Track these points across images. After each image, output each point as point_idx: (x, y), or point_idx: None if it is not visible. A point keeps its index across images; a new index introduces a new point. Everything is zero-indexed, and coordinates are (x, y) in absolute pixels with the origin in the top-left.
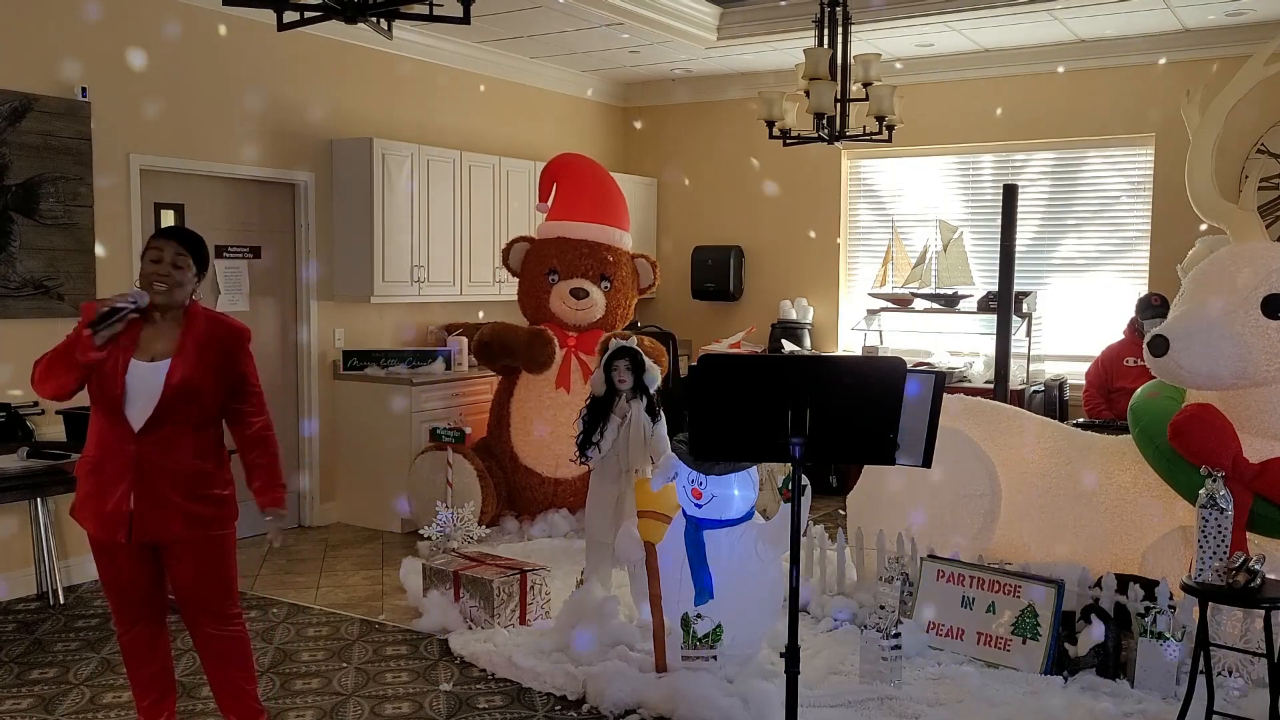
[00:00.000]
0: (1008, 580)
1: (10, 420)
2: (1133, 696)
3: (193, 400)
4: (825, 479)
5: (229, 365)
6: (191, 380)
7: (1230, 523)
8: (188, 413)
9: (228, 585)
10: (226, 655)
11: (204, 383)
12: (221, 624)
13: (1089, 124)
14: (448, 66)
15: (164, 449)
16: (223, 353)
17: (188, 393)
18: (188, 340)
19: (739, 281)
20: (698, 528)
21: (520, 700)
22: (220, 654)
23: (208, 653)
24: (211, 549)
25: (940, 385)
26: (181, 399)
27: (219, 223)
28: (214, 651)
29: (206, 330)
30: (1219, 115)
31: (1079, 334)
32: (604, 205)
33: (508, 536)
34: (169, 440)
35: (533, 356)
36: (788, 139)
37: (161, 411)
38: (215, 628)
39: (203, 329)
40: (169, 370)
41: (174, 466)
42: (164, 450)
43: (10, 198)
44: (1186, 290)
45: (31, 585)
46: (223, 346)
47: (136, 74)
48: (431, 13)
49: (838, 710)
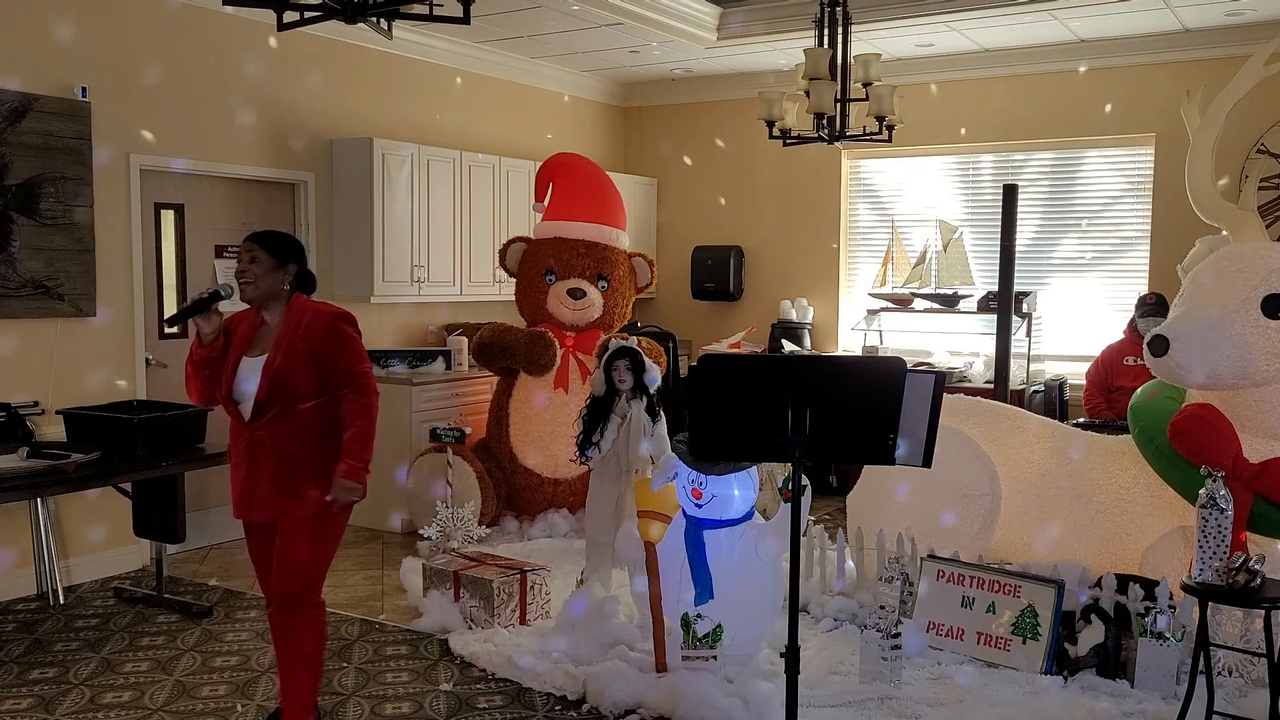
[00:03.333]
0: (1008, 580)
1: (10, 420)
2: (1133, 696)
3: (288, 387)
4: (825, 479)
5: (321, 350)
6: (284, 369)
7: (1230, 523)
8: (286, 399)
9: (304, 574)
10: (295, 644)
11: (297, 370)
12: (290, 611)
13: (1089, 124)
14: (448, 66)
15: (271, 434)
16: (313, 339)
17: (282, 381)
18: (285, 333)
19: (739, 281)
20: (698, 528)
21: (520, 700)
22: (288, 641)
23: (277, 637)
24: (301, 533)
25: (940, 385)
26: (277, 387)
27: (219, 223)
28: (282, 638)
29: (301, 320)
30: (1219, 115)
31: (1079, 334)
32: (600, 204)
33: (508, 536)
34: (275, 426)
35: (533, 359)
36: (788, 139)
37: (263, 400)
38: (285, 613)
39: (298, 320)
40: (265, 362)
41: (280, 450)
42: (271, 435)
43: (10, 198)
44: (1186, 290)
45: (31, 585)
46: (314, 333)
47: (136, 74)
48: (431, 13)
49: (838, 710)
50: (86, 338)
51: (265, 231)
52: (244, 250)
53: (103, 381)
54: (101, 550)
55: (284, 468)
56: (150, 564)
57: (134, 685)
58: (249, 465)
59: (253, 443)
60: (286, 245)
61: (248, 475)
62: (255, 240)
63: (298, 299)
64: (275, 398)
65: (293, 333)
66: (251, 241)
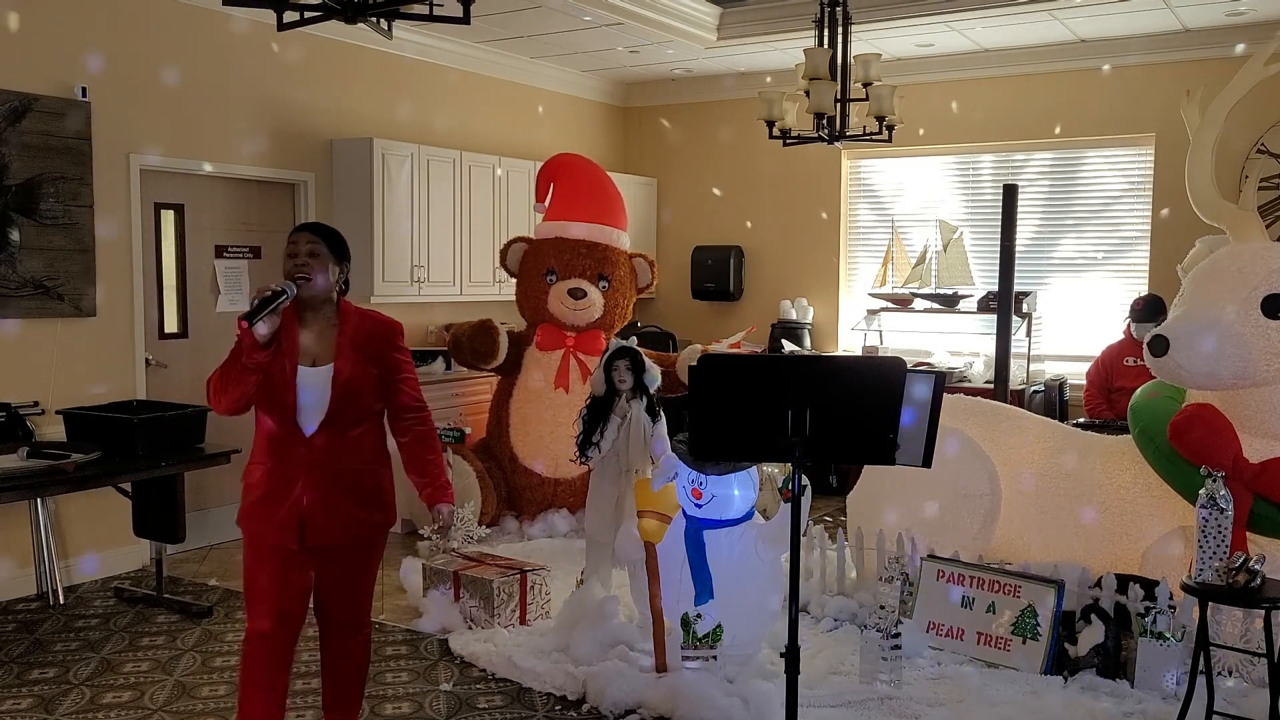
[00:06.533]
0: (1008, 580)
1: (10, 420)
2: (1133, 696)
3: (356, 400)
4: (825, 479)
5: (384, 361)
6: (354, 380)
7: (1230, 523)
8: (352, 414)
9: (368, 595)
10: (351, 666)
11: (364, 382)
12: (352, 633)
13: (1089, 124)
14: (448, 66)
15: (334, 452)
16: (377, 349)
17: (352, 394)
18: (344, 341)
19: (739, 281)
20: (698, 528)
21: (520, 700)
22: (342, 664)
23: (330, 660)
24: (365, 555)
25: (940, 385)
26: (347, 400)
27: (219, 223)
28: (335, 660)
29: (359, 327)
30: (1219, 115)
31: (1079, 334)
32: (601, 205)
33: (508, 536)
34: (339, 443)
35: (475, 348)
36: (788, 139)
37: (332, 415)
38: (346, 637)
39: (354, 326)
40: (334, 373)
41: (345, 468)
42: (334, 453)
43: (10, 198)
44: (1186, 290)
45: (31, 585)
46: (375, 343)
47: (136, 74)
48: (431, 13)
49: (838, 710)
50: (86, 338)
51: (320, 224)
52: (302, 242)
53: (103, 381)
54: (101, 550)
55: (356, 486)
56: (150, 564)
57: (134, 685)
58: (307, 485)
59: (313, 462)
60: (343, 241)
61: (305, 497)
62: (315, 232)
63: (345, 303)
64: (344, 411)
65: (355, 341)
66: (312, 233)
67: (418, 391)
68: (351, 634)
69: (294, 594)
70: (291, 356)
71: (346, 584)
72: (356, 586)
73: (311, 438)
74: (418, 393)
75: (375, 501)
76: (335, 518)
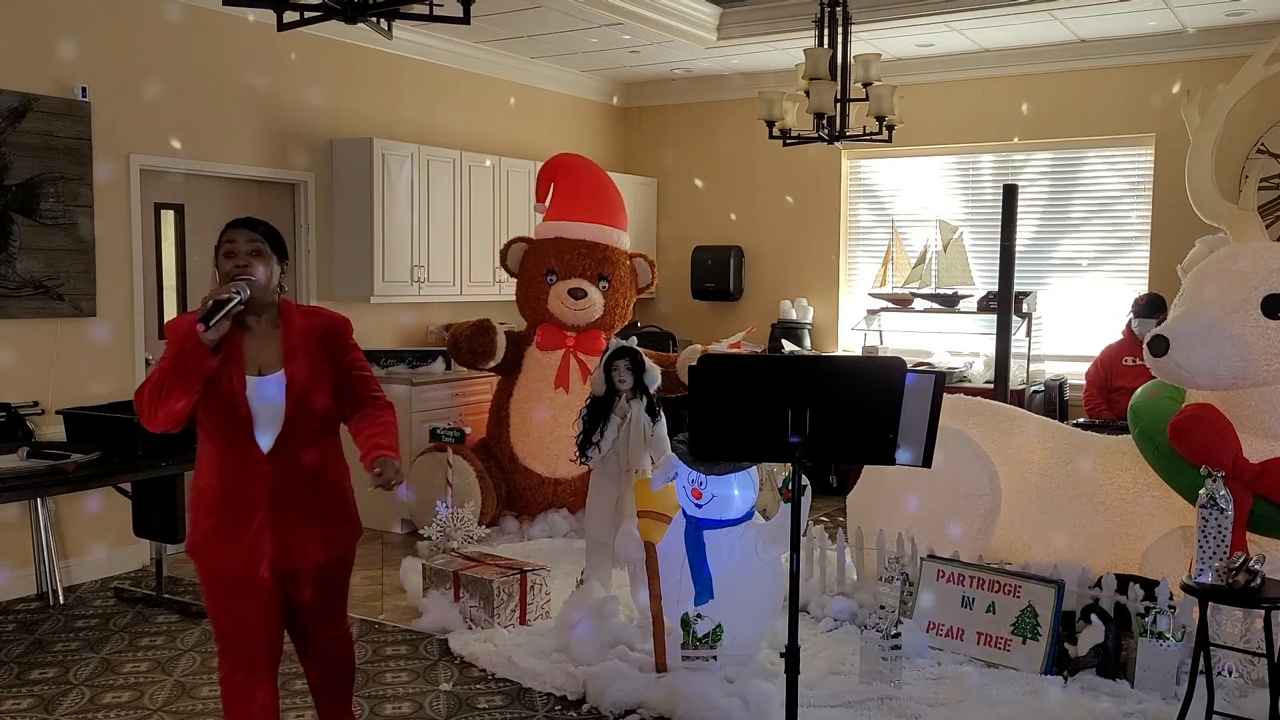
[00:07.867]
0: (1008, 580)
1: (10, 420)
2: (1133, 696)
3: (312, 408)
4: (825, 479)
5: (337, 360)
6: (310, 386)
7: (1230, 523)
8: (310, 424)
9: (343, 603)
10: (345, 667)
11: (319, 386)
12: (332, 640)
13: (1089, 124)
14: (448, 66)
15: (296, 467)
16: (328, 348)
17: (308, 401)
18: (292, 344)
19: (739, 281)
20: (698, 528)
21: (520, 700)
22: (337, 672)
23: (324, 671)
24: (338, 569)
25: (940, 385)
26: (303, 409)
27: (219, 223)
28: (332, 670)
29: (309, 327)
30: (1219, 115)
31: (1079, 334)
32: (601, 205)
33: (508, 536)
34: (299, 457)
35: (473, 348)
36: (788, 139)
37: (289, 427)
38: (326, 644)
39: (303, 327)
40: (287, 380)
41: (308, 484)
42: (296, 469)
43: (10, 198)
44: (1186, 290)
45: (31, 585)
46: (327, 341)
47: (136, 74)
48: (431, 13)
49: (838, 710)
50: (86, 338)
51: (256, 219)
52: (241, 240)
53: (103, 381)
54: (102, 549)
55: (322, 501)
56: (150, 564)
57: (134, 685)
58: (271, 509)
59: (275, 480)
60: (281, 237)
61: (270, 521)
62: (253, 229)
63: (286, 303)
64: (299, 422)
65: (305, 342)
66: (251, 230)
67: (377, 387)
68: (331, 641)
69: (272, 626)
70: (238, 366)
71: (324, 600)
72: (333, 601)
73: (270, 454)
74: (378, 389)
75: (343, 513)
76: (307, 539)
